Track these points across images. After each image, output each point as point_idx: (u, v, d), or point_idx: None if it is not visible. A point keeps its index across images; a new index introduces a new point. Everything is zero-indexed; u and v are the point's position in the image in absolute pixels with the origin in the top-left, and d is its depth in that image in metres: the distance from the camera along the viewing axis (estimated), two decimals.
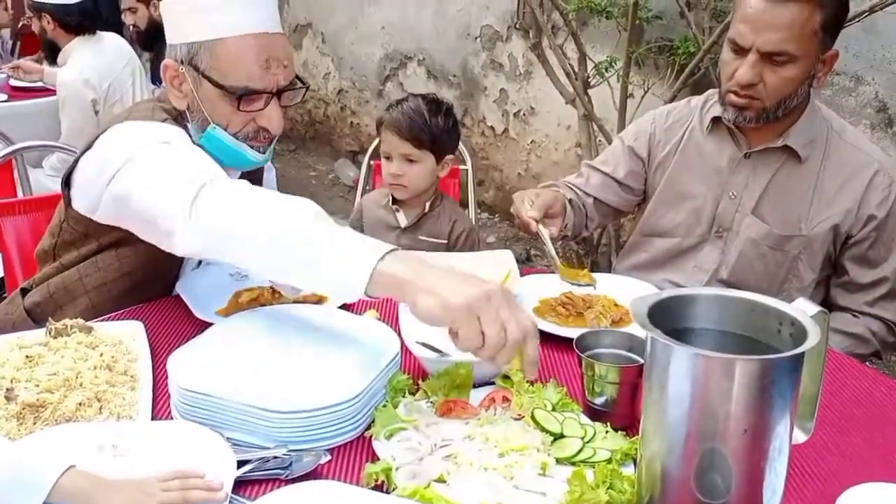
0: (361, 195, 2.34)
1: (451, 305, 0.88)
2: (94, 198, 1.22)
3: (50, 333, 1.06)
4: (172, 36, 1.31)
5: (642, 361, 0.97)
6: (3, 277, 1.82)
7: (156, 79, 3.73)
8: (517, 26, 3.41)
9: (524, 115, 3.56)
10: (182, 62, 1.29)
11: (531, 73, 3.46)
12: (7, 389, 0.92)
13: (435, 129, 1.68)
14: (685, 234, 1.62)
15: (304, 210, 1.03)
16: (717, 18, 2.49)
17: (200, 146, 1.30)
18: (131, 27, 3.93)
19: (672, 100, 2.33)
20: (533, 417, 0.95)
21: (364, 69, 4.32)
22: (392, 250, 0.96)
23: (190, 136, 1.30)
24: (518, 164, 3.63)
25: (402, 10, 3.99)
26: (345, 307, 1.24)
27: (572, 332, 1.18)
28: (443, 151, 1.72)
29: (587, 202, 1.69)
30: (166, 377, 0.99)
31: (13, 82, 3.28)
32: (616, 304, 1.34)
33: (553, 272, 1.47)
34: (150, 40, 3.91)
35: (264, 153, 1.35)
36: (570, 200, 1.64)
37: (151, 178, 1.12)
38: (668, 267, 1.65)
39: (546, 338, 1.15)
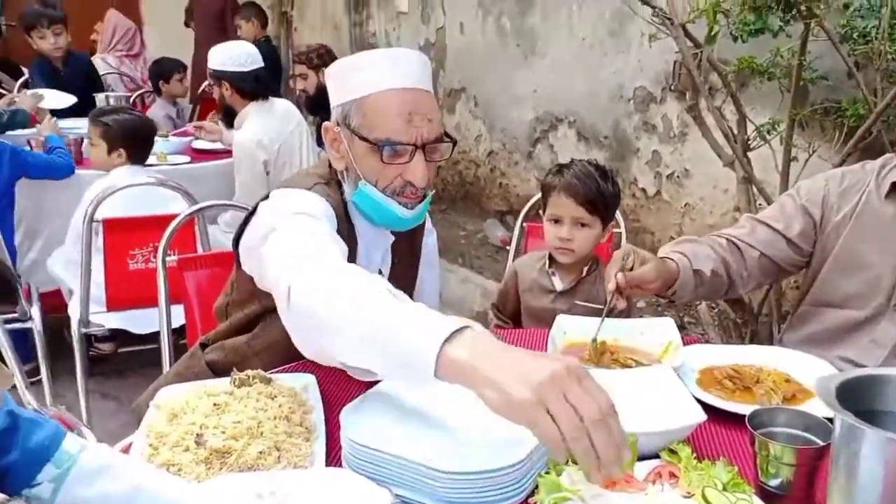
0: (514, 257, 2.37)
1: (514, 401, 0.79)
2: (254, 262, 1.30)
3: (234, 383, 1.14)
4: (332, 100, 1.41)
5: (821, 443, 0.92)
6: (183, 325, 1.98)
7: (321, 141, 3.98)
8: (672, 88, 3.37)
9: (678, 177, 3.49)
10: (338, 123, 1.38)
11: (686, 134, 3.40)
12: (197, 434, 0.99)
13: (606, 194, 1.69)
14: (860, 305, 1.52)
15: (378, 287, 0.99)
16: (890, 79, 2.35)
17: (354, 203, 1.37)
18: (300, 92, 4.23)
19: (841, 164, 2.21)
20: (704, 497, 0.91)
21: (515, 131, 4.41)
22: (461, 329, 0.88)
23: (343, 197, 1.37)
24: (671, 228, 3.54)
25: (553, 73, 4.06)
26: None
27: (739, 408, 1.14)
28: (610, 217, 1.73)
29: (750, 256, 1.59)
30: (339, 429, 1.03)
31: (195, 144, 3.61)
32: (787, 380, 1.27)
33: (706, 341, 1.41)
34: (317, 105, 4.19)
35: (412, 209, 1.38)
36: (695, 270, 1.53)
37: (275, 253, 1.17)
38: (841, 341, 1.54)
39: (711, 412, 1.11)
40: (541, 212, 1.80)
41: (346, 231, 1.37)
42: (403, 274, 1.54)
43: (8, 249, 2.78)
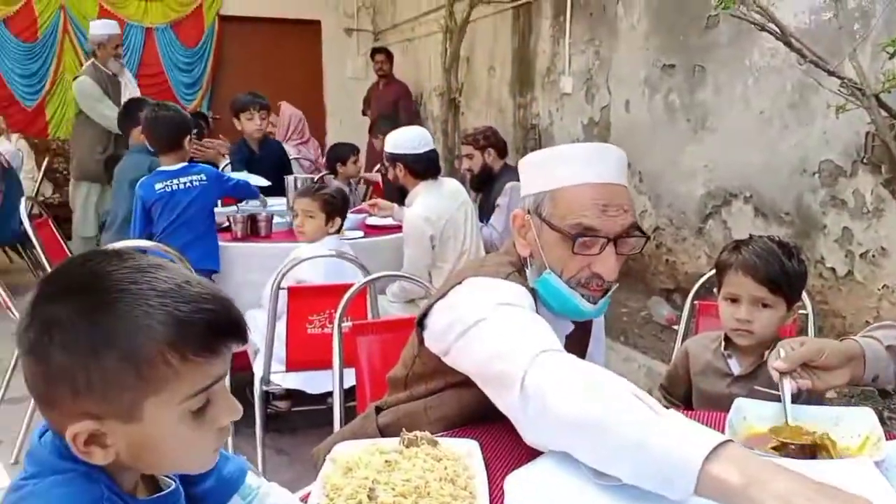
0: (683, 337, 2.26)
1: None
2: (445, 345, 1.31)
3: (403, 443, 1.16)
4: (524, 189, 1.43)
5: None
6: (354, 387, 2.05)
7: (483, 217, 4.09)
8: (864, 161, 3.16)
9: (873, 256, 3.21)
10: (529, 211, 1.39)
11: (882, 210, 3.14)
12: (370, 489, 1.01)
13: (791, 272, 1.58)
14: None
15: (626, 392, 1.00)
16: None
17: (535, 289, 1.37)
18: (465, 171, 4.39)
19: None
20: None
21: (683, 206, 4.28)
22: (723, 443, 0.86)
23: (527, 281, 1.38)
24: (866, 312, 3.24)
25: (727, 147, 3.93)
26: None
27: None
28: (795, 297, 1.61)
29: None
30: (502, 497, 1.01)
31: (368, 221, 3.83)
32: None
33: None
34: (481, 183, 4.33)
35: (595, 304, 1.36)
36: (888, 346, 1.36)
37: (491, 349, 1.18)
38: None
39: None
40: (715, 290, 1.71)
41: None
42: (572, 351, 1.51)
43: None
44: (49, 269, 3.13)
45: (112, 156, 4.48)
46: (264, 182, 3.90)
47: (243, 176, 3.96)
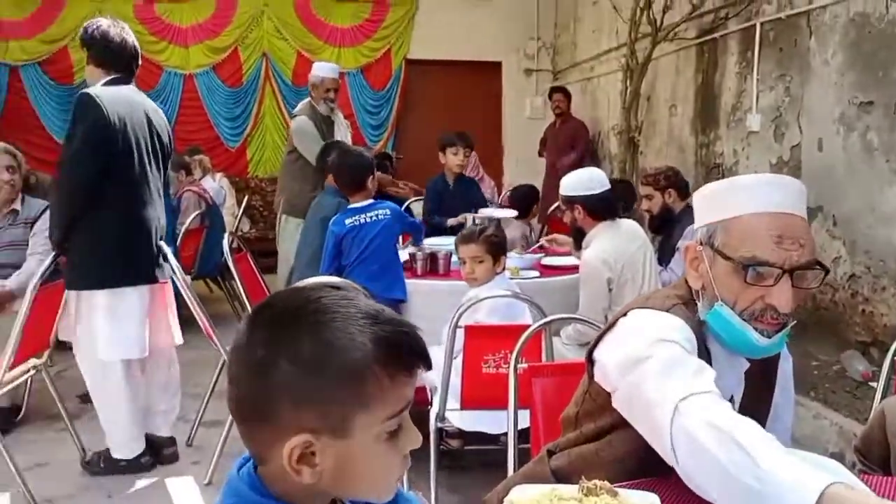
0: (882, 395, 2.11)
1: None
2: (613, 380, 1.34)
3: (582, 491, 1.20)
4: (698, 220, 1.43)
5: None
6: (527, 429, 2.10)
7: (662, 260, 4.01)
8: None
9: None
10: (701, 242, 1.39)
11: None
12: None
13: None
14: None
15: (761, 435, 1.04)
16: None
17: (706, 323, 1.36)
18: (644, 212, 4.33)
19: None
20: None
21: (882, 254, 3.97)
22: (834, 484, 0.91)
23: (694, 314, 1.37)
24: None
25: None
26: None
27: None
28: None
29: None
30: None
31: (544, 261, 3.89)
32: None
33: None
34: (661, 225, 4.24)
35: (770, 338, 1.33)
36: None
37: (644, 398, 1.22)
38: None
39: None
40: None
41: (702, 353, 1.36)
42: (757, 400, 1.48)
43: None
44: (247, 300, 3.49)
45: None
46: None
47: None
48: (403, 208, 4.58)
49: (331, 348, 0.82)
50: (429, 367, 0.90)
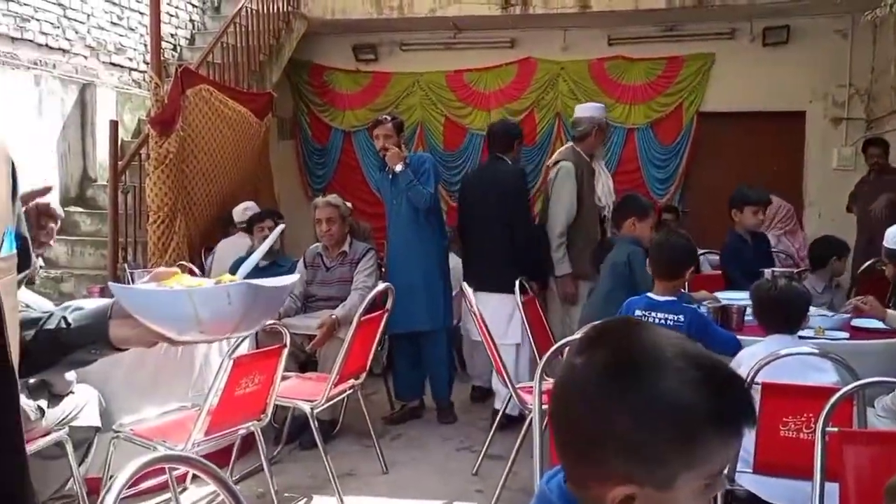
0: None
1: None
2: None
3: None
4: None
5: None
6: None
7: None
8: None
9: None
10: None
11: None
12: None
13: None
14: None
15: None
16: None
17: None
18: None
19: None
20: None
21: None
22: None
23: None
24: None
25: None
26: None
27: None
28: None
29: None
30: None
31: (854, 322, 3.54)
32: None
33: None
34: None
35: None
36: None
37: None
38: None
39: None
40: None
41: None
42: None
43: None
44: (533, 342, 3.62)
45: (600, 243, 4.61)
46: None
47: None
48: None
49: (665, 403, 0.81)
50: (754, 425, 0.86)
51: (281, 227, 1.63)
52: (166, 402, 3.49)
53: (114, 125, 5.83)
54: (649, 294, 3.26)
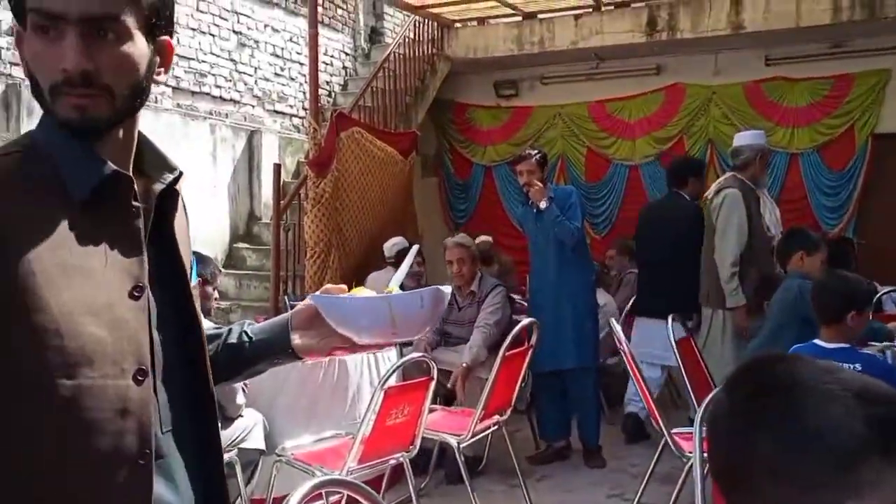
0: None
1: None
2: None
3: None
4: None
5: None
6: None
7: None
8: None
9: None
10: None
11: None
12: None
13: None
14: None
15: None
16: None
17: None
18: None
19: None
20: None
21: None
22: None
23: None
24: None
25: None
26: None
27: None
28: None
29: None
30: None
31: None
32: None
33: None
34: None
35: None
36: None
37: None
38: None
39: None
40: None
41: None
42: None
43: None
44: (690, 388, 3.43)
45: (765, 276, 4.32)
46: None
47: None
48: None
49: (814, 430, 0.77)
50: None
51: (416, 247, 1.66)
52: (322, 428, 3.62)
53: (277, 168, 6.23)
54: (816, 341, 2.95)
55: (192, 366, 1.07)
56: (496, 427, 3.85)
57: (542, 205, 4.44)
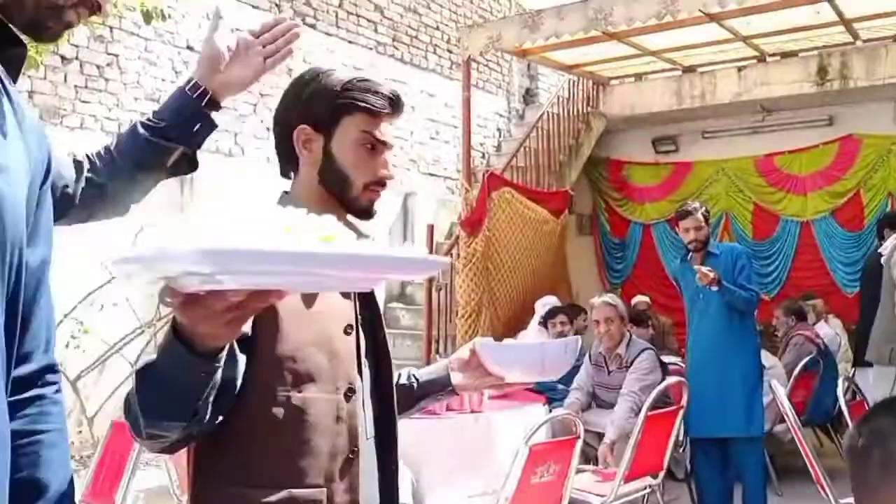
0: None
1: None
2: None
3: None
4: None
5: None
6: None
7: None
8: None
9: None
10: None
11: None
12: None
13: None
14: None
15: None
16: None
17: None
18: None
19: None
20: None
21: None
22: None
23: None
24: None
25: None
26: None
27: None
28: None
29: None
30: None
31: None
32: None
33: None
34: None
35: None
36: None
37: None
38: None
39: None
40: None
41: None
42: None
43: None
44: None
45: None
46: None
47: None
48: None
49: None
50: None
51: (578, 339, 1.64)
52: (471, 486, 3.57)
53: (430, 229, 6.42)
54: None
55: (381, 390, 1.35)
56: (648, 491, 3.64)
57: (714, 289, 4.14)
